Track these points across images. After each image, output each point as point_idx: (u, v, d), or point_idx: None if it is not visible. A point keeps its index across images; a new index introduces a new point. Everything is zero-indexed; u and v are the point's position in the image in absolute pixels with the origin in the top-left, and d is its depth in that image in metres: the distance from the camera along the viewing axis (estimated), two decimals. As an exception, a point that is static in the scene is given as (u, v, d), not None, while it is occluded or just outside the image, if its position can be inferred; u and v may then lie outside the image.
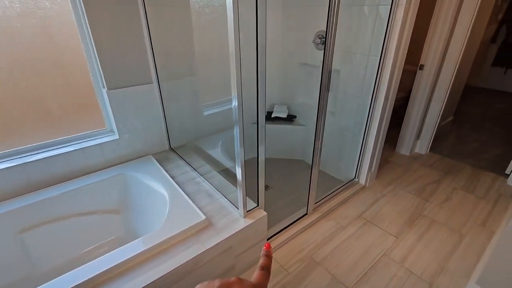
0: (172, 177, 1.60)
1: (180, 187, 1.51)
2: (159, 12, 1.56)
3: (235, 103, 1.04)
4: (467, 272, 1.41)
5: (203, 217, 1.26)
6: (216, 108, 2.09)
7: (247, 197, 1.30)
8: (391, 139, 2.85)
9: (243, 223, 1.29)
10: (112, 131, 1.70)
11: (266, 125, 2.37)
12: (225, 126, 2.12)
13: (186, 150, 1.90)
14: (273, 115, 2.36)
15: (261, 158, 1.25)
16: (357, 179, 2.09)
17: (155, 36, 1.59)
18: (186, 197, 1.40)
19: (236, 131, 1.11)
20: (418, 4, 1.57)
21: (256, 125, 1.17)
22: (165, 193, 1.46)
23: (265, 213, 1.36)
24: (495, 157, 2.49)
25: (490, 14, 2.60)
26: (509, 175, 2.18)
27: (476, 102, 3.96)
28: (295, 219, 1.72)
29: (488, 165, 2.37)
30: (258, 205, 1.37)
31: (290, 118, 2.37)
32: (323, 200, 1.85)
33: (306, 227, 1.69)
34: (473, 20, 2.03)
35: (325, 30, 1.22)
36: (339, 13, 1.21)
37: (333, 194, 1.92)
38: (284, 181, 2.20)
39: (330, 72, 1.32)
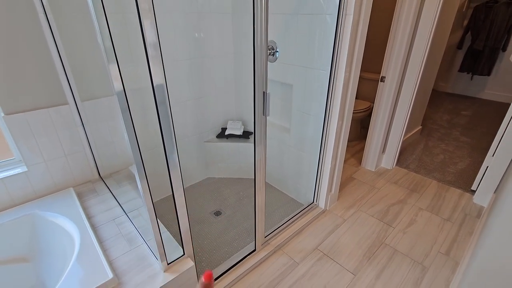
0: (91, 217, 1.34)
1: (96, 231, 1.26)
2: (66, 23, 1.30)
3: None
4: (429, 316, 1.24)
5: (110, 276, 1.02)
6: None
7: (176, 241, 1.07)
8: (358, 153, 2.71)
9: (162, 279, 1.06)
10: (21, 161, 1.42)
11: (220, 143, 2.16)
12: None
13: (118, 178, 1.65)
14: (227, 132, 2.14)
15: (177, 190, 1.02)
16: (316, 203, 1.91)
17: (66, 50, 1.33)
18: (97, 246, 1.15)
19: (128, 143, 0.88)
20: (369, 13, 1.41)
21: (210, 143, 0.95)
22: (76, 240, 1.20)
23: (192, 263, 1.14)
24: (461, 170, 2.39)
25: (453, 20, 2.52)
26: (475, 191, 2.08)
27: (445, 109, 3.94)
28: (243, 256, 1.50)
29: (455, 179, 2.26)
30: (184, 254, 1.14)
31: (247, 135, 2.17)
32: (276, 231, 1.64)
33: (254, 266, 1.48)
34: (433, 28, 1.91)
35: (252, 39, 1.02)
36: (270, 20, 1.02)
37: (288, 223, 1.72)
38: (239, 205, 1.98)
39: (265, 94, 1.12)
